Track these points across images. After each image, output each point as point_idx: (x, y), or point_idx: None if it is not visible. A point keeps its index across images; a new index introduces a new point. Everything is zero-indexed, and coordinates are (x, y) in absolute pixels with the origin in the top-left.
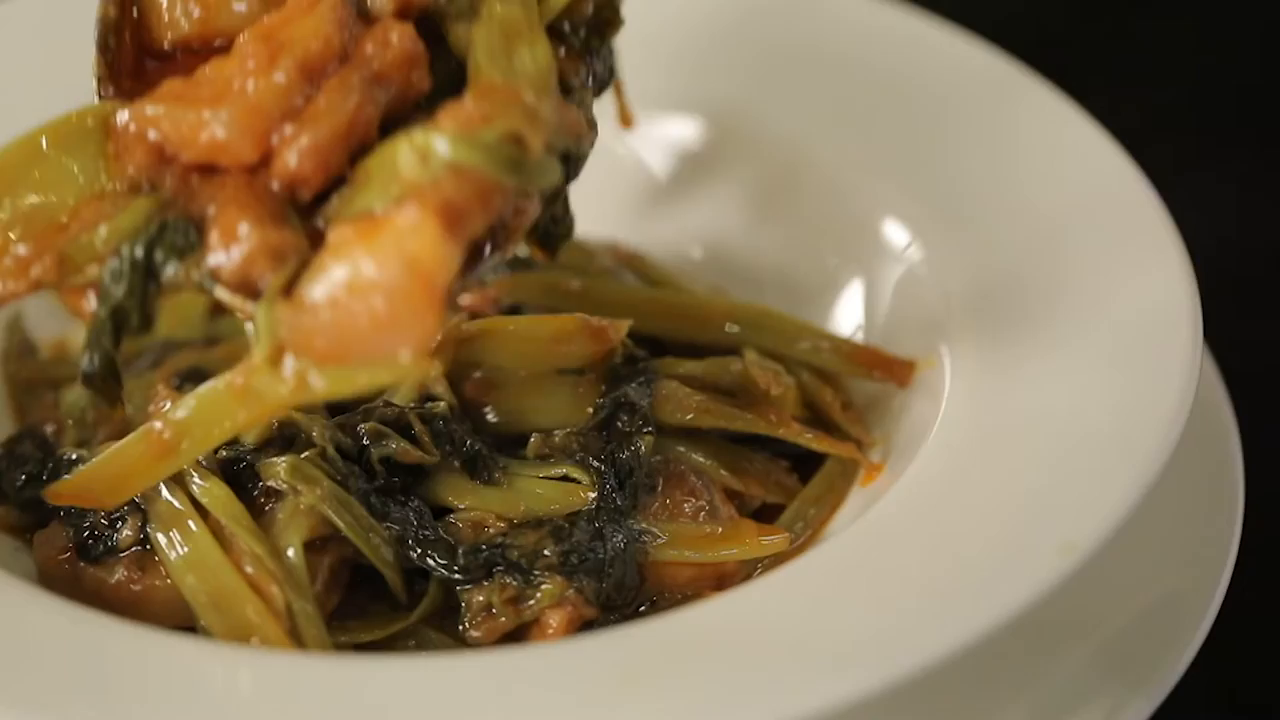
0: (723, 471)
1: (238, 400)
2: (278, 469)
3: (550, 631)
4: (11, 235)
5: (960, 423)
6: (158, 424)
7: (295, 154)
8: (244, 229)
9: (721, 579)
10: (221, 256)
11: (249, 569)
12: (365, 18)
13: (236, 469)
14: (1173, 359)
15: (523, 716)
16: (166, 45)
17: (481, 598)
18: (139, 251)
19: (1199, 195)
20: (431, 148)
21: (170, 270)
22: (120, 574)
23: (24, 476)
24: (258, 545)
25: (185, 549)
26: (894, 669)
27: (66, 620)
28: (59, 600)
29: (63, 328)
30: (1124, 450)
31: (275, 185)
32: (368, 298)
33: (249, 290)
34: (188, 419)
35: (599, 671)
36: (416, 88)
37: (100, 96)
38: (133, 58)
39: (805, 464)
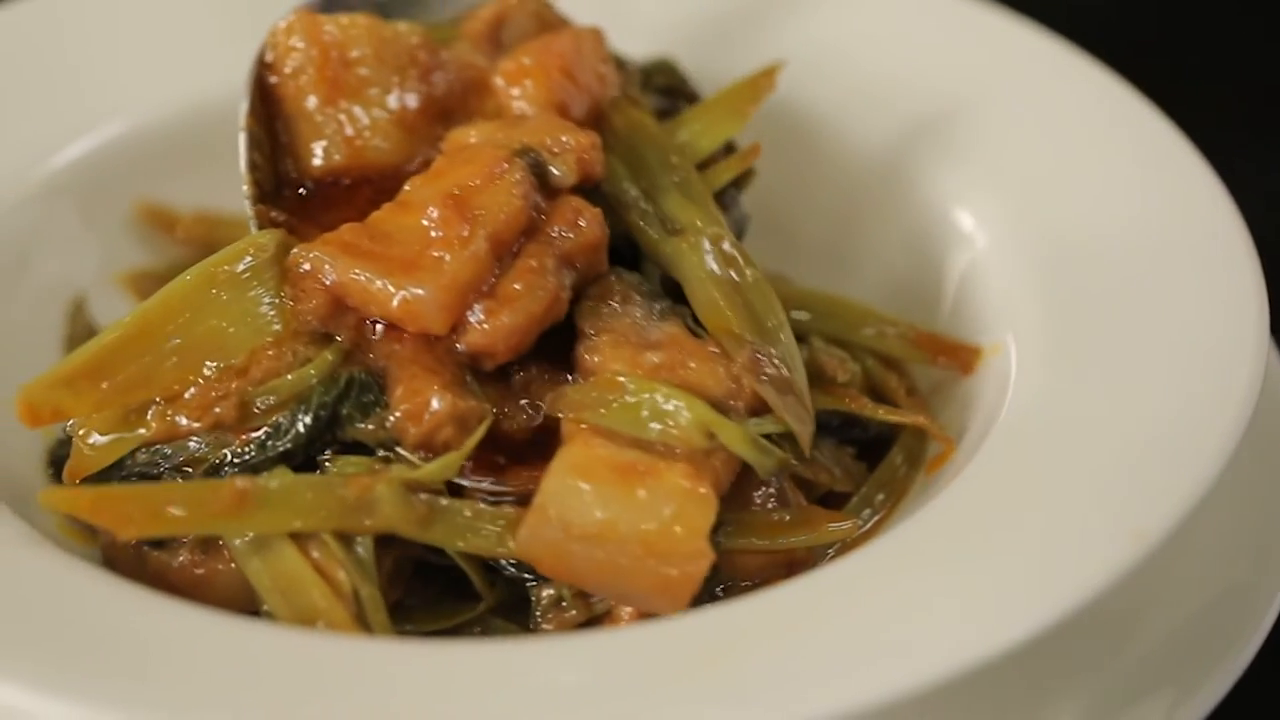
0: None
1: (339, 501)
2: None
3: (622, 624)
4: (201, 376)
5: (1028, 410)
6: (239, 482)
7: (492, 331)
8: (435, 400)
9: (791, 565)
10: (407, 422)
11: (315, 554)
12: (544, 186)
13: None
14: (1240, 350)
15: (596, 698)
16: (311, 178)
17: (552, 591)
18: (326, 405)
19: (1270, 192)
20: (714, 428)
21: (355, 426)
22: (184, 558)
23: None
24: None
25: (251, 533)
26: (966, 655)
27: (131, 603)
28: (124, 583)
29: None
30: (1193, 439)
31: (460, 348)
32: (644, 557)
33: (429, 449)
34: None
35: (672, 655)
36: (596, 269)
37: (255, 221)
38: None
39: (871, 452)
